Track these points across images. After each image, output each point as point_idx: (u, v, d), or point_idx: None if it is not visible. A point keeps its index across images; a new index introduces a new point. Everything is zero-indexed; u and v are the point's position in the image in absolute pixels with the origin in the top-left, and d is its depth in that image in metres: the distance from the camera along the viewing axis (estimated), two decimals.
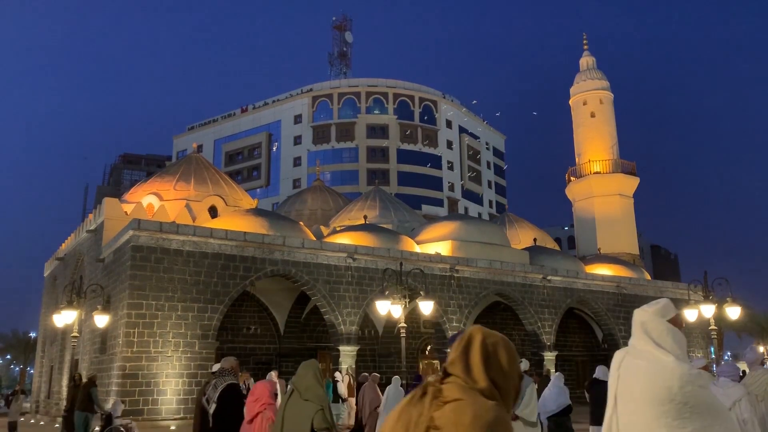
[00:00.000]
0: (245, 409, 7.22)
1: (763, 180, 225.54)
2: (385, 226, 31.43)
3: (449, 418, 1.77)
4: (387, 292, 19.54)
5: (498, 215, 59.28)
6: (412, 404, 1.88)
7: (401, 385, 13.18)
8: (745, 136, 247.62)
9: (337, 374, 22.53)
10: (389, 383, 13.41)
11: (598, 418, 10.79)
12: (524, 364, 9.97)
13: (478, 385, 1.85)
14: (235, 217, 26.30)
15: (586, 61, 48.78)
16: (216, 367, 7.96)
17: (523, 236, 38.29)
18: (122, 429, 14.81)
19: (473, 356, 1.91)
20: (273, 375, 14.96)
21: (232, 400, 7.10)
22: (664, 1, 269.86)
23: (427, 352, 31.16)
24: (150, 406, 19.49)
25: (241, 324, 27.68)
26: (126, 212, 25.91)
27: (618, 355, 2.90)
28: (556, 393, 10.97)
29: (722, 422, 2.61)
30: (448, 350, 4.62)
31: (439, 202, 65.08)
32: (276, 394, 7.41)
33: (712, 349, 30.06)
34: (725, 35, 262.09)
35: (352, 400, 19.60)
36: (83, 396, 15.29)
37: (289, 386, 5.91)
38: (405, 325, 19.17)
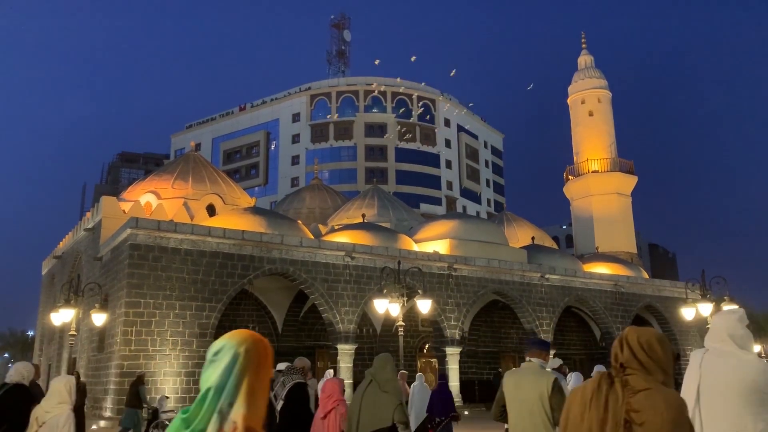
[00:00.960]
0: (319, 405, 7.59)
1: (761, 179, 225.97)
2: (383, 224, 31.43)
3: (646, 403, 2.21)
4: (385, 291, 19.53)
5: (496, 214, 59.30)
6: (600, 392, 2.30)
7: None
8: (743, 134, 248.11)
9: None
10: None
11: None
12: (556, 362, 10.29)
13: (656, 378, 2.30)
14: (233, 215, 26.27)
15: (585, 59, 48.79)
16: (282, 365, 8.49)
17: (521, 235, 38.32)
18: (168, 423, 15.25)
19: (639, 355, 2.33)
20: (331, 372, 15.62)
21: (300, 398, 7.41)
22: None
23: (425, 351, 31.17)
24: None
25: (239, 323, 27.64)
26: (124, 211, 25.88)
27: (697, 355, 3.34)
28: None
29: None
30: (528, 352, 5.13)
31: (437, 201, 65.10)
32: (344, 391, 7.91)
33: None
34: (724, 33, 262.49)
35: None
36: (131, 393, 15.74)
37: (366, 376, 6.28)
38: (403, 323, 19.17)
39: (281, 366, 8.46)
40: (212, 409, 1.78)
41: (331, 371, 15.99)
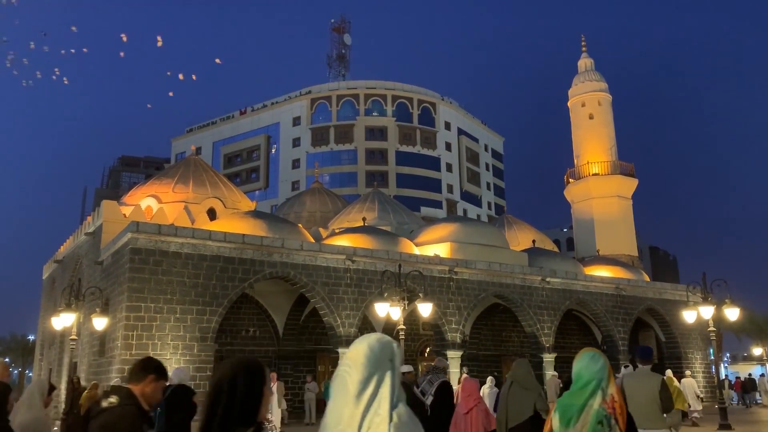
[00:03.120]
0: (461, 403, 8.79)
1: (762, 181, 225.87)
2: (383, 228, 31.42)
3: None
4: (386, 294, 19.53)
5: (497, 217, 59.29)
6: None
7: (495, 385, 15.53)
8: (744, 136, 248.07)
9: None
10: None
11: None
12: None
13: None
14: (233, 219, 26.28)
15: (585, 62, 48.83)
16: (406, 368, 9.98)
17: (521, 238, 38.29)
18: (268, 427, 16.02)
19: None
20: (465, 375, 16.27)
21: (447, 393, 8.78)
22: (662, 2, 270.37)
23: (426, 354, 31.13)
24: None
25: (240, 326, 27.64)
26: (124, 215, 25.88)
27: None
28: None
29: None
30: (639, 360, 7.20)
31: (437, 204, 65.09)
32: (480, 390, 9.30)
33: (711, 350, 30.06)
34: (724, 35, 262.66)
35: None
36: None
37: (507, 378, 7.64)
38: (404, 327, 19.16)
39: (405, 369, 9.97)
40: (596, 388, 3.23)
41: (467, 376, 16.76)
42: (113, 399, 3.26)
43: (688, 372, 22.89)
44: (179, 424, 7.87)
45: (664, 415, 6.49)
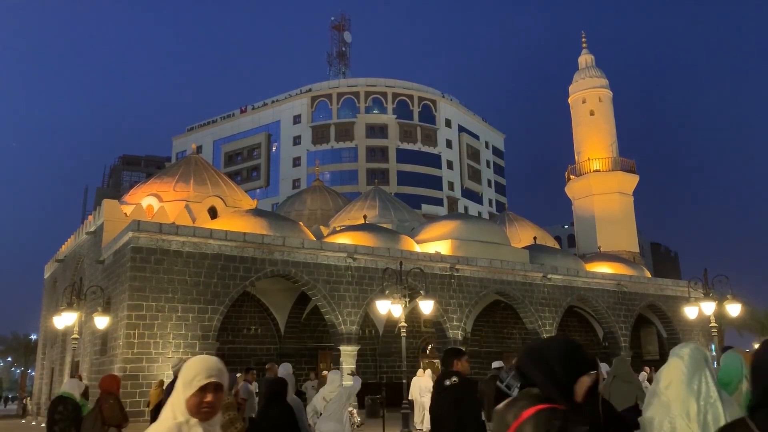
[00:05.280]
0: None
1: (763, 177, 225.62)
2: (384, 225, 31.42)
3: None
4: (387, 292, 19.51)
5: (498, 214, 59.28)
6: None
7: None
8: (744, 132, 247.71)
9: None
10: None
11: None
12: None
13: None
14: (234, 217, 26.28)
15: (585, 59, 48.76)
16: (496, 363, 11.37)
17: (523, 235, 38.28)
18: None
19: None
20: None
21: None
22: None
23: (427, 352, 31.15)
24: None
25: (241, 325, 27.67)
26: (126, 214, 25.89)
27: None
28: None
29: None
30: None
31: (438, 202, 65.07)
32: None
33: (713, 346, 30.04)
34: (724, 31, 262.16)
35: None
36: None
37: (610, 374, 8.21)
38: (405, 324, 19.15)
39: (496, 364, 11.42)
40: (740, 376, 3.49)
41: None
42: (455, 378, 4.50)
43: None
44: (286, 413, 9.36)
45: None
